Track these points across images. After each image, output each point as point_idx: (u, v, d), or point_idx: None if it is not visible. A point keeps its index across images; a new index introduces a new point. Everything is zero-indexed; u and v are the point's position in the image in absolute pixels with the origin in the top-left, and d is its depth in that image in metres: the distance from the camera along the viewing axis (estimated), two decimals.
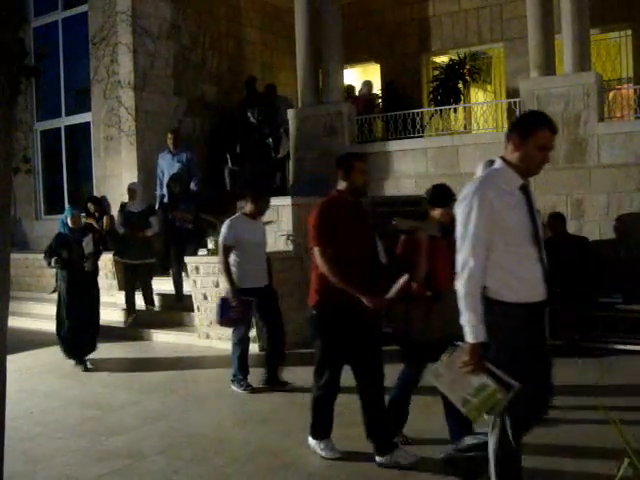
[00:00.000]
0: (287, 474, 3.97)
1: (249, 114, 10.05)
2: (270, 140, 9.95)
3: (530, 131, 2.92)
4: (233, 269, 5.73)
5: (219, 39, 11.38)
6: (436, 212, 4.21)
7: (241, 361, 5.86)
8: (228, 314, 5.70)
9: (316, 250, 4.01)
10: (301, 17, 9.64)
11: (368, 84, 10.78)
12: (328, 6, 9.60)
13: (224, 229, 5.81)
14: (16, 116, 10.79)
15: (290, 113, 9.76)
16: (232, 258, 5.75)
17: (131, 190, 8.78)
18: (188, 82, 10.77)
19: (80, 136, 11.29)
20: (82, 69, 10.73)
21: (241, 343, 5.91)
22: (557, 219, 7.13)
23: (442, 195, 4.20)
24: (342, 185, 4.14)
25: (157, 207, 9.16)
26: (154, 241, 8.77)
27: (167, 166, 9.32)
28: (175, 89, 10.57)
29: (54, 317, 7.37)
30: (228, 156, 9.94)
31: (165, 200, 9.10)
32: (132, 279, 8.64)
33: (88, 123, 10.89)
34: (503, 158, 3.02)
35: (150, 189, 9.51)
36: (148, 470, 4.12)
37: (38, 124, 11.86)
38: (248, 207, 5.91)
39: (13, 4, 2.68)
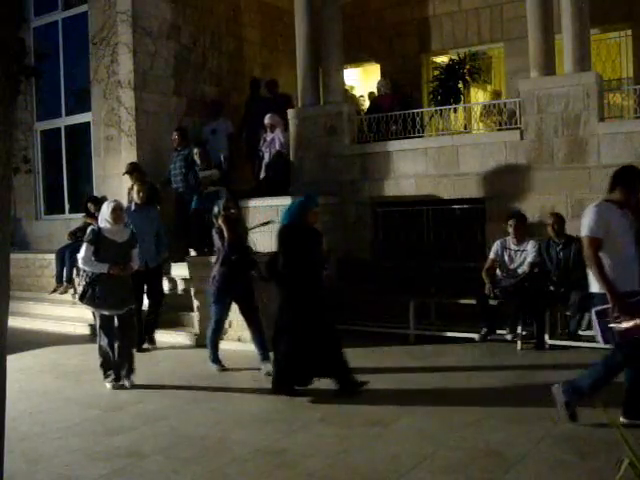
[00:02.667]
0: (287, 474, 3.97)
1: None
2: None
3: None
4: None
5: (219, 39, 11.37)
6: None
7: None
8: (607, 327, 4.38)
9: None
10: (301, 17, 9.64)
11: (385, 81, 10.25)
12: (328, 6, 9.60)
13: (591, 217, 4.58)
14: (16, 116, 10.81)
15: (290, 113, 9.76)
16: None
17: (118, 209, 6.09)
18: (188, 82, 10.77)
19: (80, 136, 11.29)
20: (82, 69, 10.73)
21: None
22: (556, 219, 7.13)
23: None
24: None
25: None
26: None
27: (137, 222, 7.38)
28: (175, 89, 10.57)
29: (54, 317, 7.32)
30: None
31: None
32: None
33: (88, 123, 10.89)
34: None
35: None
36: (148, 470, 4.11)
37: (38, 124, 11.85)
38: (617, 194, 4.69)
39: (13, 3, 2.67)
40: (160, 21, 10.32)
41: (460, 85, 10.09)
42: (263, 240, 8.12)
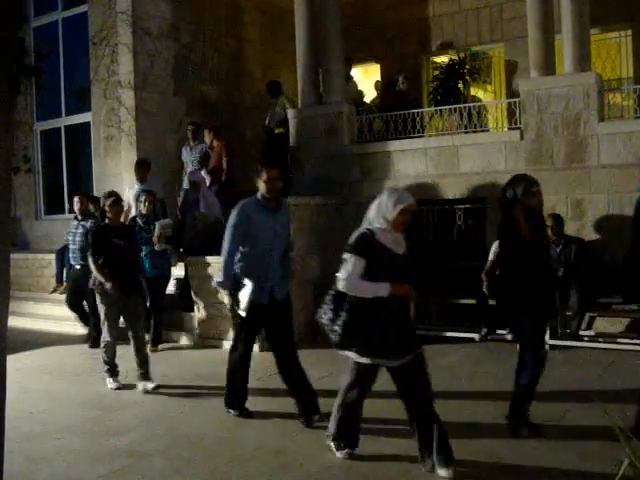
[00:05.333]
0: (287, 474, 3.97)
1: None
2: None
3: None
4: None
5: (219, 39, 11.38)
6: None
7: None
8: None
9: None
10: (301, 17, 9.64)
11: (403, 78, 9.99)
12: (328, 6, 9.60)
13: None
14: (16, 116, 10.81)
15: (290, 113, 9.76)
16: None
17: (411, 206, 3.89)
18: (188, 82, 10.77)
19: (80, 136, 11.30)
20: (82, 69, 10.74)
21: None
22: (554, 221, 7.14)
23: None
24: None
25: None
26: None
27: (264, 226, 4.97)
28: (175, 89, 10.57)
29: (54, 317, 7.28)
30: None
31: None
32: None
33: (88, 123, 10.90)
34: None
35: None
36: (148, 470, 4.11)
37: (38, 124, 11.86)
38: None
39: (13, 3, 2.68)
40: (160, 21, 10.33)
41: (460, 85, 10.10)
42: None
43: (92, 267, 6.05)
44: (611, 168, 7.45)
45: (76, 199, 8.46)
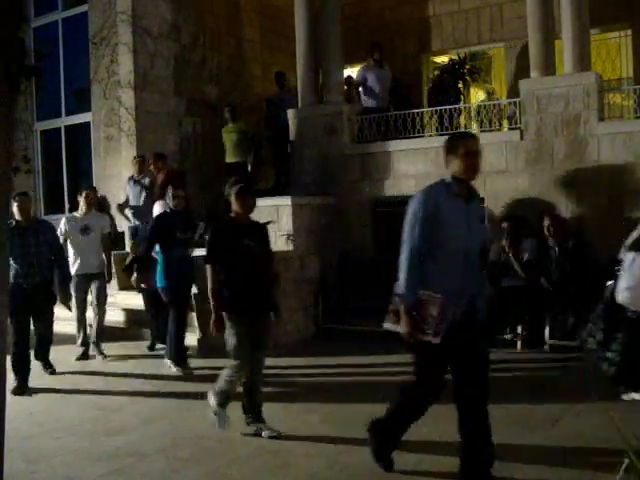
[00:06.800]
0: (287, 474, 3.97)
1: None
2: None
3: None
4: None
5: (219, 39, 11.38)
6: None
7: None
8: None
9: None
10: (301, 17, 9.64)
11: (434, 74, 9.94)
12: (328, 6, 9.61)
13: None
14: (16, 116, 10.78)
15: (290, 113, 9.76)
16: None
17: None
18: (188, 82, 10.78)
19: (80, 136, 11.30)
20: (82, 69, 10.74)
21: None
22: (551, 221, 7.14)
23: None
24: None
25: None
26: None
27: (462, 221, 3.87)
28: (175, 89, 10.58)
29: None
30: None
31: None
32: None
33: (88, 123, 10.90)
34: None
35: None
36: (148, 470, 4.11)
37: (38, 124, 11.85)
38: None
39: (13, 4, 2.67)
40: (160, 21, 10.33)
41: (460, 85, 10.10)
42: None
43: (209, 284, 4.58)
44: (611, 168, 7.45)
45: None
